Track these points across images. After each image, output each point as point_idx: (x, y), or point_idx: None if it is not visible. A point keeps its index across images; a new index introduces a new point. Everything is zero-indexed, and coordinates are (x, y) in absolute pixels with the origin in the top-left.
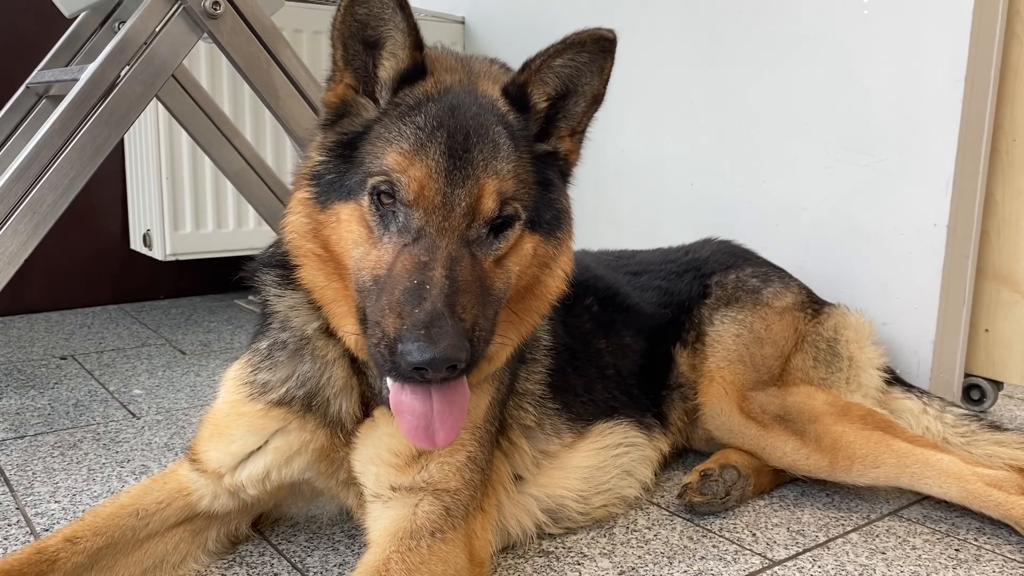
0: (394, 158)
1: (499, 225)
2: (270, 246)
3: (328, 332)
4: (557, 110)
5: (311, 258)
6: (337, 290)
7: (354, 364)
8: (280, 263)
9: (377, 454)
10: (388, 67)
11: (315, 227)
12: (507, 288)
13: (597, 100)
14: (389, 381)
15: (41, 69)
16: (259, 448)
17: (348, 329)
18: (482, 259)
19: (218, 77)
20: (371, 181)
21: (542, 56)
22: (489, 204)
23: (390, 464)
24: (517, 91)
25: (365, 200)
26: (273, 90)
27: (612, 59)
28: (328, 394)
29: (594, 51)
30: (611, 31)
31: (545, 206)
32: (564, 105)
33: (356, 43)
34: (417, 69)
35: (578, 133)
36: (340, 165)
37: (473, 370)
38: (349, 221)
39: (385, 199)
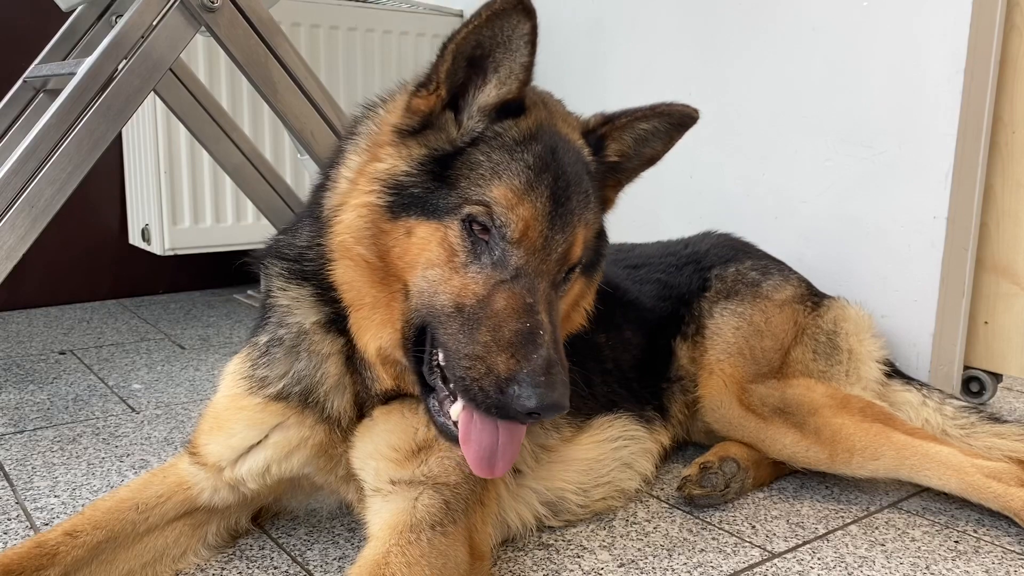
0: (502, 192)
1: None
2: (279, 235)
3: (326, 327)
4: (617, 165)
5: (358, 262)
6: (377, 298)
7: (349, 362)
8: (289, 256)
9: (376, 449)
10: (493, 94)
11: (376, 234)
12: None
13: (653, 161)
14: (454, 410)
15: (38, 63)
16: (259, 442)
17: (380, 336)
18: (558, 304)
19: (216, 71)
20: (469, 209)
21: (628, 116)
22: (578, 252)
23: (389, 459)
24: (597, 141)
25: (455, 225)
26: (271, 84)
27: (683, 135)
28: (321, 391)
29: (675, 123)
30: (697, 111)
31: (594, 252)
32: (624, 162)
33: (463, 60)
34: (518, 103)
35: (621, 185)
36: (429, 182)
37: None
38: (427, 240)
39: (478, 229)
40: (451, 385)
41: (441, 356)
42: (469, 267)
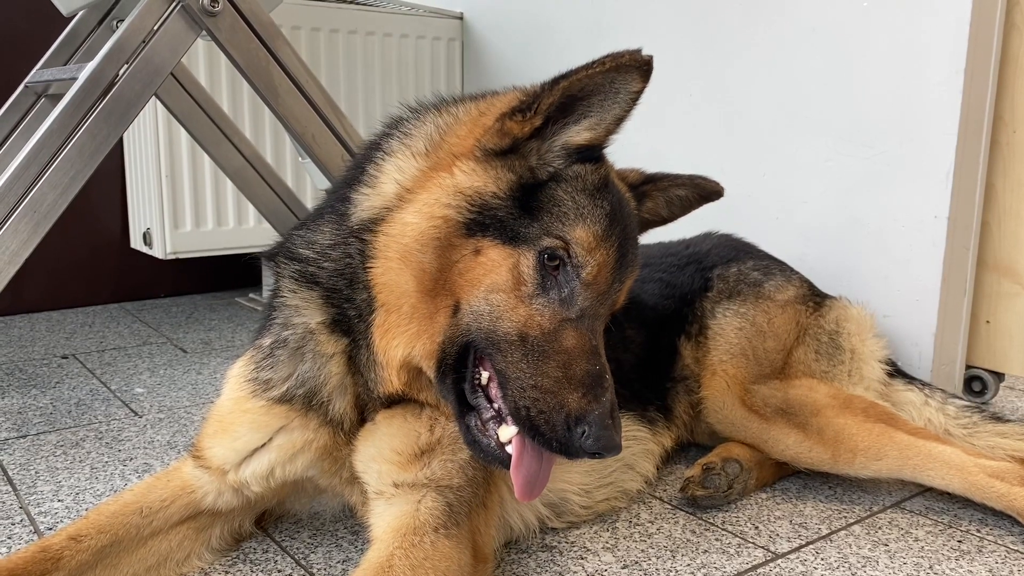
0: (584, 234)
1: None
2: (292, 232)
3: (331, 327)
4: (646, 220)
5: (414, 268)
6: (419, 309)
7: (351, 362)
8: (303, 256)
9: (379, 452)
10: (583, 136)
11: (446, 247)
12: None
13: (666, 223)
14: (504, 433)
15: (40, 68)
16: (263, 445)
17: (412, 345)
18: None
19: (217, 75)
20: (548, 242)
21: (668, 181)
22: (622, 300)
23: (392, 462)
24: (638, 197)
25: (531, 255)
26: (272, 88)
27: (703, 207)
28: (324, 393)
29: (703, 195)
30: (723, 188)
31: None
32: (651, 218)
33: (566, 97)
34: (599, 151)
35: None
36: (515, 208)
37: None
38: (498, 264)
39: (550, 265)
40: (495, 405)
41: (490, 379)
42: (536, 299)
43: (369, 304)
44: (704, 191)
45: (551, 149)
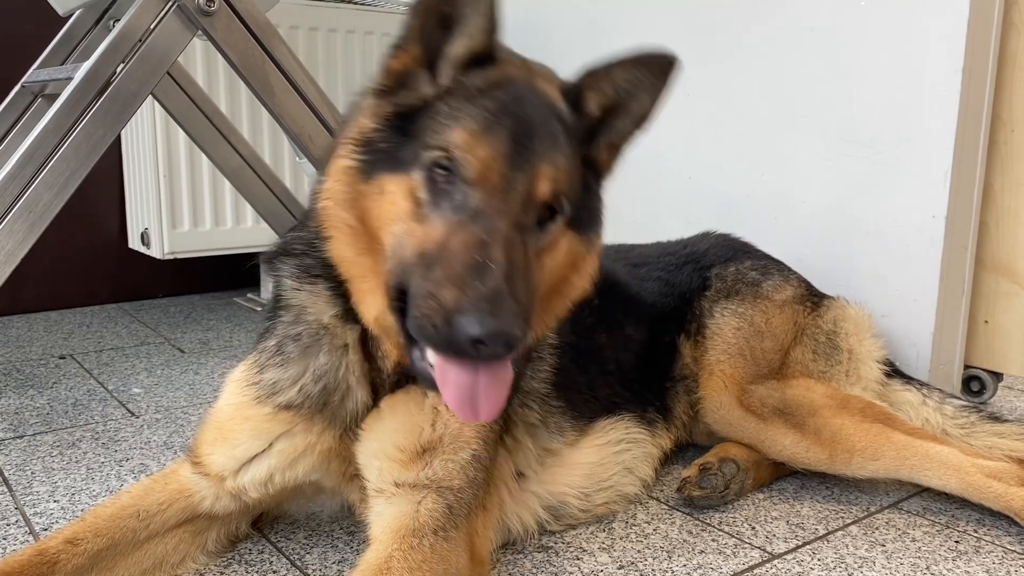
0: (460, 135)
1: (545, 217)
2: (288, 232)
3: (344, 319)
4: (604, 122)
5: (343, 229)
6: (365, 265)
7: (364, 348)
8: (299, 251)
9: (381, 448)
10: (461, 46)
11: (355, 197)
12: (540, 281)
13: (643, 121)
14: (431, 355)
15: (36, 68)
16: (263, 451)
17: (375, 304)
18: (527, 246)
19: (214, 75)
20: (429, 155)
21: (605, 66)
22: (544, 190)
23: (394, 459)
24: (575, 93)
25: (418, 174)
26: (269, 87)
27: (669, 84)
28: (348, 383)
29: (655, 71)
30: (672, 54)
31: (583, 207)
32: (612, 119)
33: (434, 17)
34: (487, 54)
35: (616, 148)
36: (394, 136)
37: (521, 352)
38: (395, 194)
39: (440, 176)
40: None
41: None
42: (431, 215)
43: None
44: (650, 61)
45: (444, 73)
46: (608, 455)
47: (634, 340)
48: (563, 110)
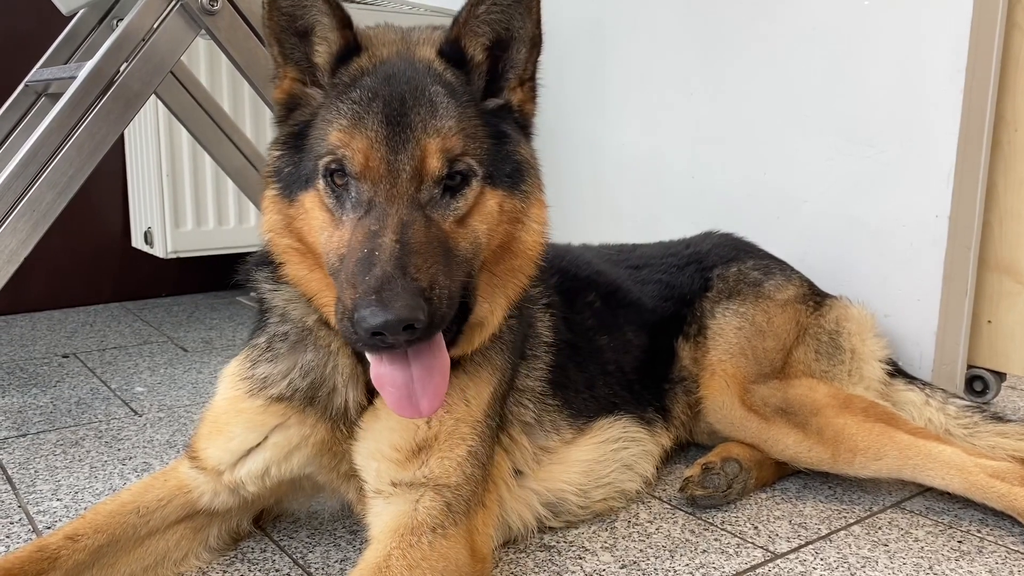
0: (336, 135)
1: (455, 185)
2: (263, 246)
3: (326, 324)
4: (501, 62)
5: (290, 253)
6: (319, 280)
7: (354, 350)
8: (271, 260)
9: (378, 448)
10: (322, 51)
11: (287, 221)
12: (476, 247)
13: (536, 43)
14: (369, 356)
15: (40, 67)
16: (258, 444)
17: (333, 316)
18: (439, 220)
19: (217, 74)
20: (321, 163)
21: (467, 7)
22: (434, 163)
23: (391, 459)
24: (452, 48)
25: (320, 183)
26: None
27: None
28: (335, 383)
29: None
30: None
31: (503, 160)
32: (506, 55)
33: (290, 36)
34: (350, 48)
35: (527, 81)
36: (294, 156)
37: (438, 329)
38: (312, 208)
39: (338, 179)
40: None
41: None
42: (342, 218)
43: None
44: None
45: (321, 84)
46: (606, 452)
47: (634, 344)
48: (441, 71)
